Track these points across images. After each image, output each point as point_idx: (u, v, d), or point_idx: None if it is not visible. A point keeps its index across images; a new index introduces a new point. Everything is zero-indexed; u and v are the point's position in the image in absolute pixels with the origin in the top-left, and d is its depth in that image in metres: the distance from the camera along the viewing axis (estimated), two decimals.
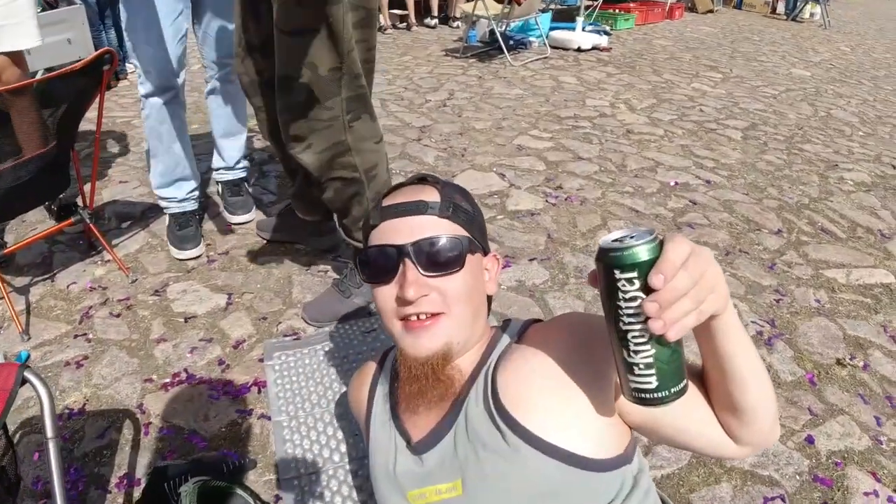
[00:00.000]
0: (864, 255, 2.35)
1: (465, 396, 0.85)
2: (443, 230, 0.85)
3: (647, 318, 0.56)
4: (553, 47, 5.68)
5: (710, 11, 9.05)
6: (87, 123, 2.04)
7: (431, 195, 0.88)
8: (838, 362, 1.77)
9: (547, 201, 2.59)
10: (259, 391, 1.57)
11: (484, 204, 2.56)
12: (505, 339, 0.90)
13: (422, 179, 0.93)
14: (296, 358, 1.63)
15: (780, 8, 9.41)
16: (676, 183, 2.84)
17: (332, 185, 1.61)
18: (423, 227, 0.85)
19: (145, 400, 1.56)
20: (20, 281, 2.03)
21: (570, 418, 0.77)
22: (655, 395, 0.62)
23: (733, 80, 4.97)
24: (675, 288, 0.55)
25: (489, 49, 5.58)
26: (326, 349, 1.67)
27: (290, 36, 1.40)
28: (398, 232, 0.85)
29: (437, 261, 0.83)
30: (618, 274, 0.58)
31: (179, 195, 2.19)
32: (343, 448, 1.35)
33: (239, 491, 1.15)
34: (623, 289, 0.58)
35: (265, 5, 1.44)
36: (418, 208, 0.86)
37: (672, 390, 0.62)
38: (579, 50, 5.67)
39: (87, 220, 2.04)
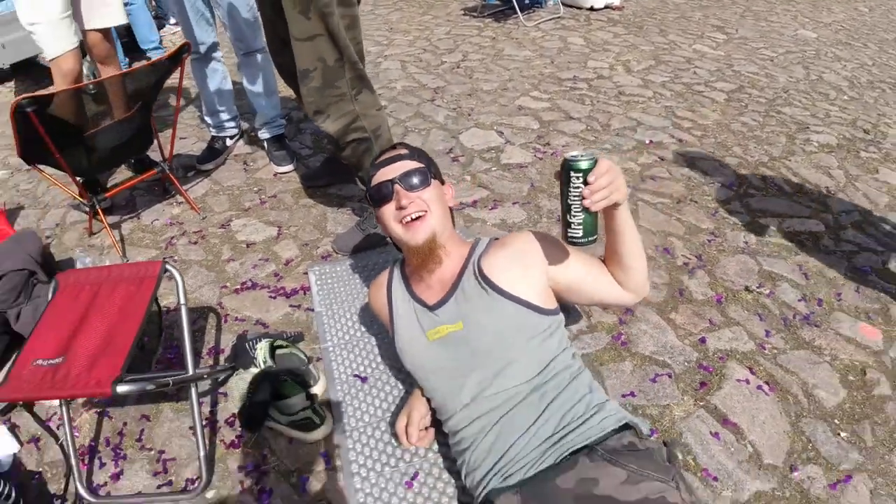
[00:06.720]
0: (802, 208, 2.56)
1: (459, 279, 1.41)
2: (415, 166, 1.43)
3: (583, 199, 1.12)
4: (566, 6, 5.88)
5: None
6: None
7: (403, 150, 1.48)
8: (746, 289, 2.06)
9: (535, 156, 3.06)
10: (305, 293, 2.16)
11: (481, 158, 3.05)
12: (481, 246, 1.47)
13: (396, 146, 1.52)
14: (331, 266, 2.22)
15: None
16: (651, 142, 3.18)
17: (349, 146, 2.11)
18: (403, 166, 1.42)
19: (223, 300, 2.16)
20: (111, 219, 2.60)
21: (525, 280, 1.35)
22: (581, 240, 1.20)
23: (736, 40, 5.11)
24: (600, 184, 1.11)
25: (505, 8, 5.76)
26: (353, 261, 2.24)
27: (302, 41, 1.91)
28: (388, 173, 1.42)
29: (416, 182, 1.40)
30: (573, 174, 1.14)
31: (212, 123, 3.05)
32: (373, 327, 1.93)
33: (295, 350, 1.74)
34: (574, 182, 1.14)
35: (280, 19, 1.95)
36: (399, 157, 1.45)
37: (590, 238, 1.20)
38: (592, 9, 5.87)
39: (167, 171, 2.61)
